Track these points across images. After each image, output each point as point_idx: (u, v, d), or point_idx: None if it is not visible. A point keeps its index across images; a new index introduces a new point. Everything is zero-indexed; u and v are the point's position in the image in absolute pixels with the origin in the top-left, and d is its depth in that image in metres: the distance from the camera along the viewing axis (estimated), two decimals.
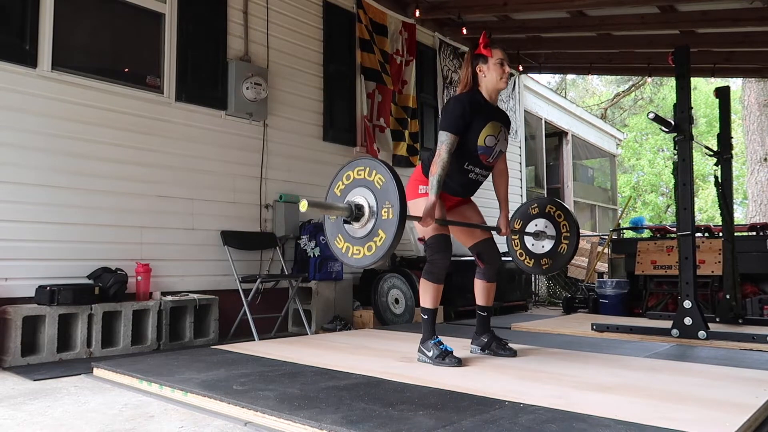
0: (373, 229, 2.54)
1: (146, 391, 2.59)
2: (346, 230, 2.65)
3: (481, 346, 3.20)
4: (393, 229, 2.47)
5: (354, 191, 2.65)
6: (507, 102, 8.35)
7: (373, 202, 2.57)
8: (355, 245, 2.61)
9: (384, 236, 2.51)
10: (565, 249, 3.54)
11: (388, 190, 2.53)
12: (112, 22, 4.17)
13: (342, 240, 2.67)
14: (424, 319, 3.03)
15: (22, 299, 3.51)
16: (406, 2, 6.59)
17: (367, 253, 2.56)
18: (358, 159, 2.74)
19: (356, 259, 2.61)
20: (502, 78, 3.02)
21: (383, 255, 2.51)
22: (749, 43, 6.86)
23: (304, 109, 5.39)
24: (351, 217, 2.59)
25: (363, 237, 2.58)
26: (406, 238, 6.23)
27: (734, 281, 4.62)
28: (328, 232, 2.75)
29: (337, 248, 2.70)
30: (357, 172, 2.67)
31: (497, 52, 3.03)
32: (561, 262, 3.60)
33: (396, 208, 2.48)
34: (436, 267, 2.98)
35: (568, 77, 19.84)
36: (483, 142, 2.95)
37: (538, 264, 3.62)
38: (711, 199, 17.71)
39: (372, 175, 2.60)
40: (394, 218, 2.48)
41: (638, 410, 2.06)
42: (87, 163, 3.91)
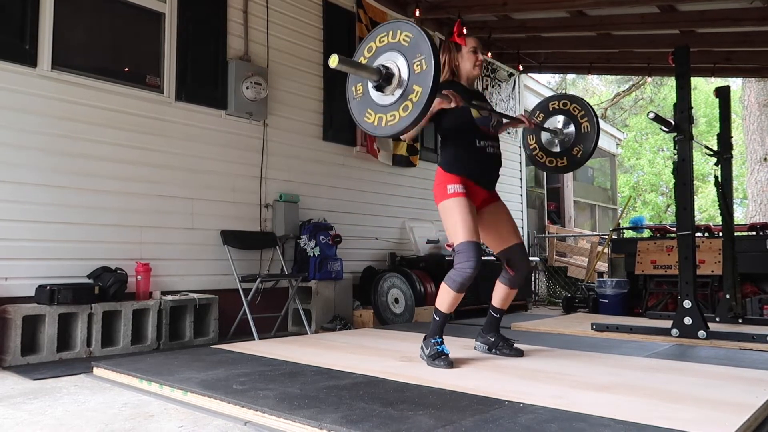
0: (407, 88, 2.41)
1: (146, 391, 2.59)
2: (375, 101, 2.52)
3: (488, 345, 3.19)
4: (429, 80, 2.33)
5: (380, 59, 2.52)
6: (507, 101, 8.35)
7: (402, 61, 2.44)
8: (388, 112, 2.48)
9: (419, 89, 2.37)
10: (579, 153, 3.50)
11: (417, 43, 2.41)
12: (112, 22, 4.17)
13: (372, 113, 2.54)
14: (435, 320, 2.95)
15: (22, 299, 3.51)
16: (406, 2, 6.59)
17: (403, 114, 2.42)
18: (379, 27, 2.61)
19: (391, 125, 2.48)
20: (475, 65, 3.09)
21: (420, 111, 2.37)
22: (749, 42, 6.85)
23: (304, 108, 5.39)
24: (381, 79, 2.46)
25: (395, 101, 2.45)
26: (406, 238, 6.24)
27: (734, 281, 4.62)
28: (356, 112, 2.62)
29: (368, 123, 2.56)
30: (380, 39, 2.56)
31: (471, 41, 3.09)
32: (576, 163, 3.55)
33: (428, 57, 2.35)
34: (463, 277, 2.82)
35: (568, 77, 19.81)
36: (478, 113, 3.01)
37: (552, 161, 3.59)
38: (711, 199, 17.71)
39: (397, 35, 2.48)
40: (428, 68, 2.35)
41: (638, 410, 2.06)
42: (87, 162, 3.91)
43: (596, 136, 3.54)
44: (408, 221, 6.27)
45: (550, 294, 8.35)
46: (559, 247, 9.31)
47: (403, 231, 6.27)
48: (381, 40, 2.56)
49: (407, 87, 2.43)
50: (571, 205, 10.58)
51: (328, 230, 5.05)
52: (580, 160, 3.58)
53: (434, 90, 2.37)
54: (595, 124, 3.55)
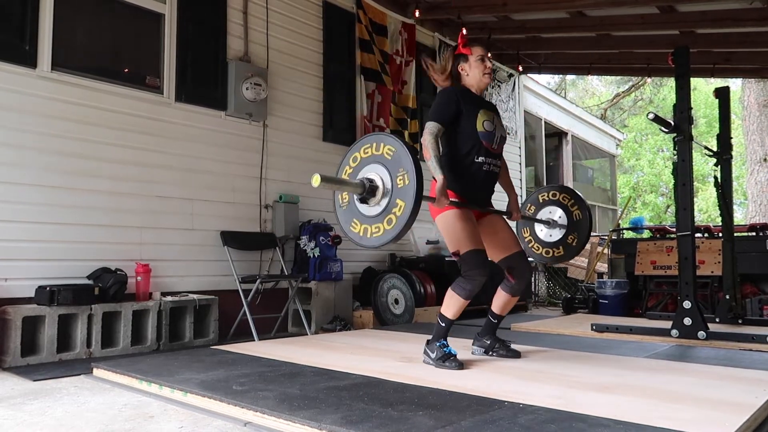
0: (390, 201, 2.43)
1: (146, 392, 2.59)
2: (360, 212, 2.54)
3: (485, 348, 3.19)
4: (412, 194, 2.36)
5: (364, 170, 2.54)
6: (507, 102, 8.35)
7: (386, 174, 2.46)
8: (373, 224, 2.49)
9: (403, 204, 2.39)
10: (574, 242, 3.53)
11: (399, 157, 2.44)
12: (111, 23, 4.17)
13: (358, 223, 2.55)
14: (440, 325, 2.93)
15: (22, 299, 3.51)
16: (405, 2, 6.59)
17: (387, 227, 2.44)
18: (363, 138, 2.64)
19: (377, 238, 2.48)
20: (484, 74, 3.05)
21: (404, 225, 2.38)
22: (749, 43, 6.86)
23: (303, 109, 5.39)
24: (365, 192, 2.47)
25: (380, 213, 2.46)
26: (406, 238, 6.23)
27: (734, 281, 4.62)
28: (342, 219, 2.63)
29: (354, 233, 2.57)
30: (364, 150, 2.57)
31: (477, 49, 3.06)
32: (572, 252, 3.56)
33: (411, 173, 2.38)
34: (472, 284, 2.82)
35: (567, 78, 19.83)
36: (482, 127, 2.95)
37: (549, 252, 3.59)
38: (711, 200, 17.71)
39: (380, 148, 2.51)
40: (411, 183, 2.38)
41: (638, 410, 2.06)
42: (87, 163, 3.91)
43: (589, 223, 3.55)
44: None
45: (550, 295, 8.35)
46: None
47: None
48: (365, 152, 2.58)
49: (391, 200, 2.45)
50: None
51: (328, 231, 5.05)
52: (577, 248, 3.57)
53: (417, 204, 2.39)
54: (586, 210, 3.58)
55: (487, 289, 3.22)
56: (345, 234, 2.65)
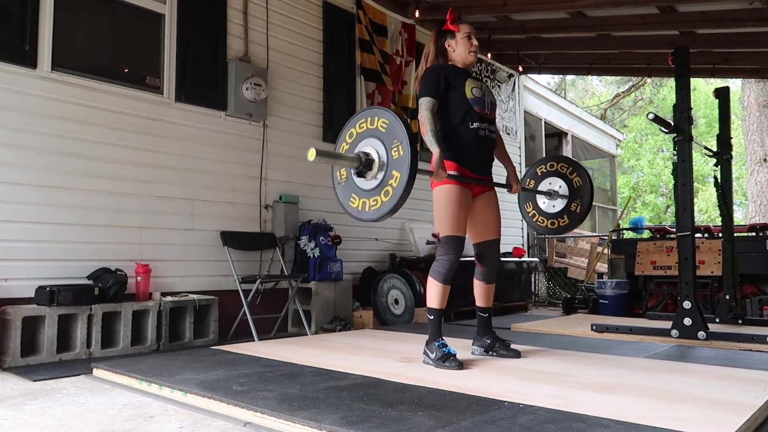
0: (386, 173, 2.46)
1: (146, 392, 2.59)
2: (358, 186, 2.56)
3: (484, 347, 3.19)
4: (407, 165, 2.39)
5: (360, 144, 2.57)
6: (507, 102, 8.35)
7: (381, 147, 2.49)
8: (371, 197, 2.52)
9: (398, 175, 2.42)
10: (578, 208, 3.53)
11: (393, 129, 2.47)
12: (111, 23, 4.17)
13: (356, 198, 2.57)
14: (429, 319, 2.98)
15: (22, 300, 3.51)
16: (405, 3, 6.59)
17: (384, 199, 2.46)
18: (358, 113, 2.67)
19: (374, 210, 2.51)
20: (470, 51, 3.10)
21: (401, 196, 2.41)
22: (749, 43, 6.86)
23: (303, 109, 5.39)
24: (361, 165, 2.50)
25: (377, 186, 2.49)
26: (406, 239, 6.24)
27: (734, 282, 4.62)
28: (341, 196, 2.66)
29: (353, 208, 2.60)
30: (359, 125, 2.60)
31: (464, 27, 3.12)
32: (577, 219, 3.57)
33: (405, 143, 2.41)
34: (443, 266, 2.93)
35: (567, 78, 19.84)
36: (471, 93, 3.00)
37: (554, 223, 3.60)
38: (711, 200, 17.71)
39: (375, 122, 2.54)
40: (405, 153, 2.41)
41: (637, 410, 2.06)
42: (87, 163, 3.91)
43: (590, 187, 3.57)
44: (408, 222, 6.27)
45: (550, 295, 8.35)
46: (558, 248, 9.31)
47: (402, 232, 6.27)
48: (360, 126, 2.61)
49: (387, 172, 2.48)
50: None
51: (327, 231, 5.05)
52: (581, 215, 3.58)
53: (413, 175, 2.41)
54: (586, 175, 3.59)
55: None
56: (344, 209, 2.66)
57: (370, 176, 2.51)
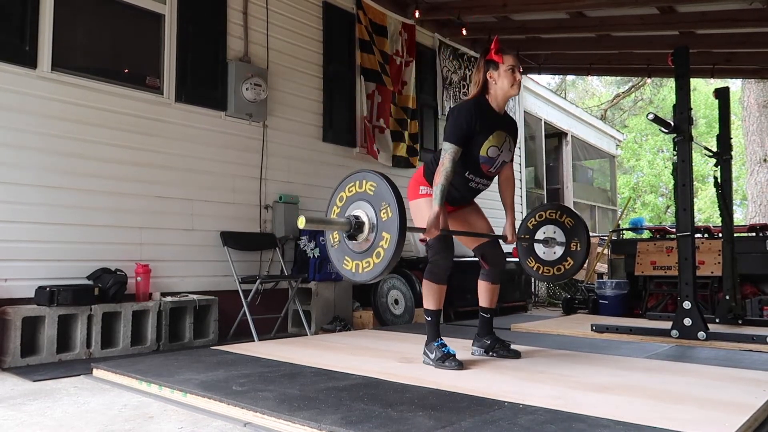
0: (377, 235, 2.49)
1: (146, 392, 2.59)
2: (350, 249, 2.60)
3: (485, 348, 3.19)
4: (396, 226, 2.42)
5: (350, 208, 2.61)
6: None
7: (371, 209, 2.53)
8: (363, 259, 2.55)
9: (389, 236, 2.45)
10: (578, 247, 3.52)
11: (381, 192, 2.50)
12: (111, 23, 4.17)
13: (350, 260, 2.61)
14: (427, 320, 2.99)
15: (22, 300, 3.51)
16: (405, 3, 6.59)
17: (376, 260, 2.49)
18: (347, 177, 2.70)
19: (368, 272, 2.53)
20: (513, 85, 2.94)
21: (392, 257, 2.44)
22: (749, 43, 6.85)
23: (303, 109, 5.39)
24: (352, 229, 2.53)
25: (369, 248, 2.52)
26: (406, 239, 6.23)
27: (734, 282, 4.62)
28: (334, 259, 2.70)
29: (347, 270, 2.63)
30: (348, 189, 2.65)
31: (509, 59, 2.94)
32: (581, 258, 3.53)
33: (393, 206, 2.45)
34: (438, 267, 2.95)
35: (567, 78, 19.84)
36: (486, 153, 2.91)
37: (560, 269, 3.58)
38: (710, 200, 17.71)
39: (363, 185, 2.57)
40: (394, 215, 2.44)
41: (637, 410, 2.06)
42: (87, 163, 3.91)
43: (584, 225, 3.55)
44: (407, 222, 6.26)
45: (550, 295, 8.34)
46: None
47: None
48: (350, 190, 2.64)
49: (377, 234, 2.50)
50: (570, 206, 10.57)
51: None
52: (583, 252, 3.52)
53: (402, 236, 2.43)
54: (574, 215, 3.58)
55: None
56: (338, 271, 2.69)
57: (361, 238, 2.55)
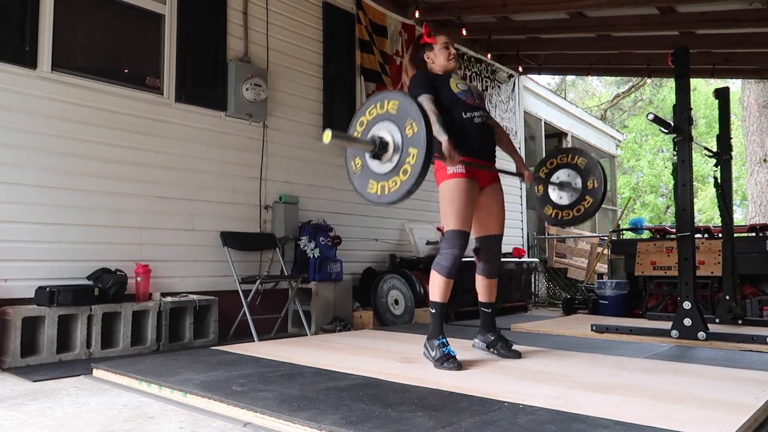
0: (403, 152, 2.46)
1: (146, 392, 2.59)
2: (374, 171, 2.56)
3: (487, 343, 3.19)
4: (423, 140, 2.38)
5: (372, 129, 2.58)
6: (506, 103, 8.35)
7: (394, 128, 2.49)
8: (390, 179, 2.51)
9: (416, 151, 2.41)
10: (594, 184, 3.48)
11: (405, 108, 2.47)
12: (111, 23, 4.18)
13: (374, 183, 2.57)
14: (432, 313, 2.98)
15: (22, 300, 3.51)
16: (405, 3, 6.59)
17: (403, 178, 2.46)
18: (367, 101, 2.69)
19: (394, 192, 2.50)
20: (449, 59, 3.19)
21: (420, 172, 2.41)
22: (749, 44, 6.85)
23: (303, 109, 5.39)
24: (376, 148, 2.51)
25: (394, 167, 2.49)
26: (406, 239, 6.23)
27: (734, 282, 4.62)
28: (358, 185, 2.66)
29: (372, 194, 2.59)
30: (369, 113, 2.62)
31: (440, 38, 3.23)
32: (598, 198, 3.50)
33: (418, 119, 2.41)
34: (447, 260, 2.93)
35: (567, 78, 19.84)
36: (457, 88, 3.10)
37: (558, 214, 3.59)
38: (710, 200, 17.71)
39: (385, 106, 2.55)
40: (420, 130, 2.40)
41: (637, 411, 2.06)
42: (87, 163, 3.91)
43: (604, 187, 3.49)
44: (408, 222, 6.27)
45: (550, 295, 8.35)
46: (558, 249, 9.31)
47: (402, 232, 6.27)
48: (371, 113, 2.62)
49: (403, 151, 2.48)
50: None
51: (327, 231, 5.05)
52: (590, 211, 3.53)
53: (430, 150, 2.41)
54: (602, 176, 3.51)
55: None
56: (363, 197, 2.67)
57: (385, 158, 2.51)
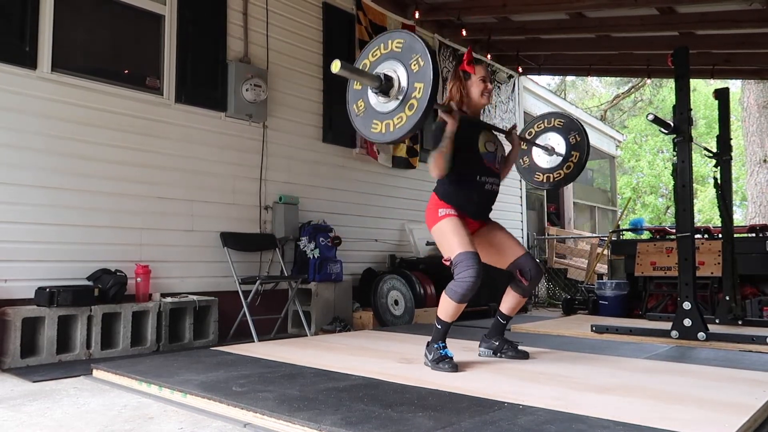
0: (408, 88, 2.45)
1: (146, 393, 2.59)
2: (378, 111, 2.56)
3: (493, 349, 3.18)
4: (429, 74, 2.37)
5: (375, 71, 2.57)
6: (506, 103, 8.36)
7: (399, 66, 2.48)
8: (395, 116, 2.50)
9: (421, 85, 2.40)
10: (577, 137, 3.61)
11: (410, 45, 2.46)
12: (111, 24, 4.18)
13: (379, 122, 2.56)
14: (437, 327, 2.92)
15: (22, 300, 3.51)
16: (405, 3, 6.59)
17: (409, 113, 2.44)
18: (370, 44, 2.68)
19: (400, 128, 2.48)
20: (483, 94, 3.07)
21: (426, 107, 2.39)
22: (749, 44, 6.85)
23: (303, 110, 5.39)
24: (381, 85, 2.50)
25: (400, 103, 2.48)
26: (406, 240, 6.24)
27: (734, 282, 4.62)
28: (361, 127, 2.66)
29: (376, 133, 2.58)
30: (372, 54, 2.61)
31: (480, 69, 3.08)
32: (583, 149, 3.59)
33: (423, 54, 2.40)
34: (464, 288, 2.76)
35: (567, 79, 19.86)
36: (484, 148, 2.98)
37: (549, 177, 3.66)
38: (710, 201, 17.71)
39: (389, 45, 2.54)
40: (426, 64, 2.40)
41: (637, 411, 2.06)
42: (87, 164, 3.91)
43: (586, 142, 3.62)
44: (408, 223, 6.27)
45: (550, 296, 8.35)
46: (558, 249, 9.32)
47: (402, 233, 6.27)
48: (374, 55, 2.61)
49: (409, 86, 2.47)
50: (570, 206, 10.58)
51: (327, 232, 5.05)
52: (577, 169, 3.61)
53: (436, 82, 2.40)
54: (581, 130, 3.66)
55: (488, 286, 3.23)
56: (366, 137, 2.67)
57: (392, 94, 2.51)
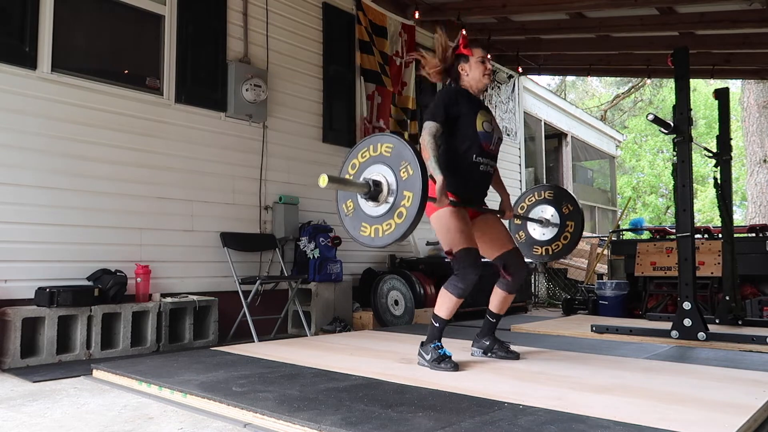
0: (398, 195, 2.44)
1: (146, 393, 2.59)
2: (368, 214, 2.54)
3: (483, 349, 3.19)
4: (418, 184, 2.36)
5: (365, 172, 2.56)
6: (506, 103, 8.36)
7: (388, 171, 2.47)
8: (384, 222, 2.48)
9: (411, 195, 2.39)
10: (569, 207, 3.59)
11: (399, 152, 2.45)
12: (111, 24, 4.18)
13: (368, 227, 2.54)
14: (434, 326, 2.93)
15: (22, 301, 3.51)
16: (405, 4, 6.59)
17: (398, 221, 2.43)
18: (359, 143, 2.66)
19: (389, 234, 2.47)
20: (484, 75, 3.08)
21: (415, 216, 2.38)
22: (749, 44, 6.86)
23: (303, 110, 5.39)
24: (370, 191, 2.49)
25: (389, 209, 2.47)
26: (406, 240, 6.23)
27: (734, 283, 4.62)
28: (350, 227, 2.64)
29: (365, 237, 2.56)
30: (361, 155, 2.59)
31: (478, 51, 3.10)
32: (570, 246, 3.58)
33: (413, 163, 2.39)
34: (465, 282, 2.82)
35: (567, 79, 19.86)
36: (482, 127, 2.98)
37: (547, 250, 3.63)
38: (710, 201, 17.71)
39: (378, 148, 2.52)
40: (415, 173, 2.39)
41: (637, 411, 2.06)
42: (87, 164, 3.91)
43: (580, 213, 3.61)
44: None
45: (550, 296, 8.35)
46: None
47: None
48: (363, 156, 2.60)
49: (398, 194, 2.45)
50: None
51: (327, 232, 5.05)
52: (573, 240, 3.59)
53: (425, 193, 2.40)
54: (574, 201, 3.64)
55: (485, 290, 3.24)
56: (355, 240, 2.64)
57: (381, 199, 2.49)
